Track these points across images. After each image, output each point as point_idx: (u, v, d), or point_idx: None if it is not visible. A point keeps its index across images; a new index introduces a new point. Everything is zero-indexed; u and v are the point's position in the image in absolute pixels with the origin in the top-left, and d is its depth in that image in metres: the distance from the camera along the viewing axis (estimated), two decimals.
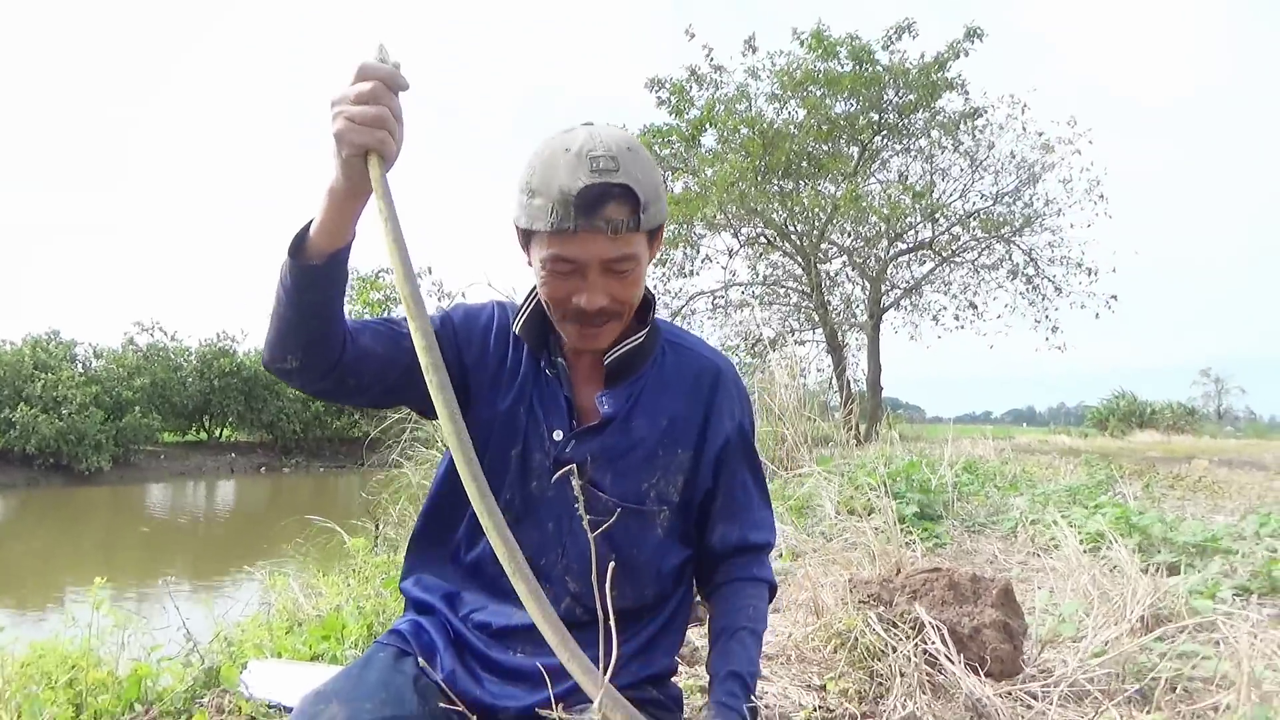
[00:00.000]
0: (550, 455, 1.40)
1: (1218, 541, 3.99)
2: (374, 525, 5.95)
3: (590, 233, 1.23)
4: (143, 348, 27.21)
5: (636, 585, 1.43)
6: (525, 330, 1.44)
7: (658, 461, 1.42)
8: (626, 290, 1.32)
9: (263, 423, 28.08)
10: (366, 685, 1.28)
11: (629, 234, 1.26)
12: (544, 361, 1.44)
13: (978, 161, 19.88)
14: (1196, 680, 2.10)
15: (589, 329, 1.34)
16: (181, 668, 2.31)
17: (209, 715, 1.99)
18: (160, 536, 13.57)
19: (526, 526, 1.39)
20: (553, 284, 1.30)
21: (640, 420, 1.42)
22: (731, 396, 1.48)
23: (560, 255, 1.26)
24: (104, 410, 22.65)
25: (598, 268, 1.27)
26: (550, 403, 1.42)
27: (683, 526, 1.48)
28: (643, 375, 1.43)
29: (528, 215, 1.27)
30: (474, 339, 1.47)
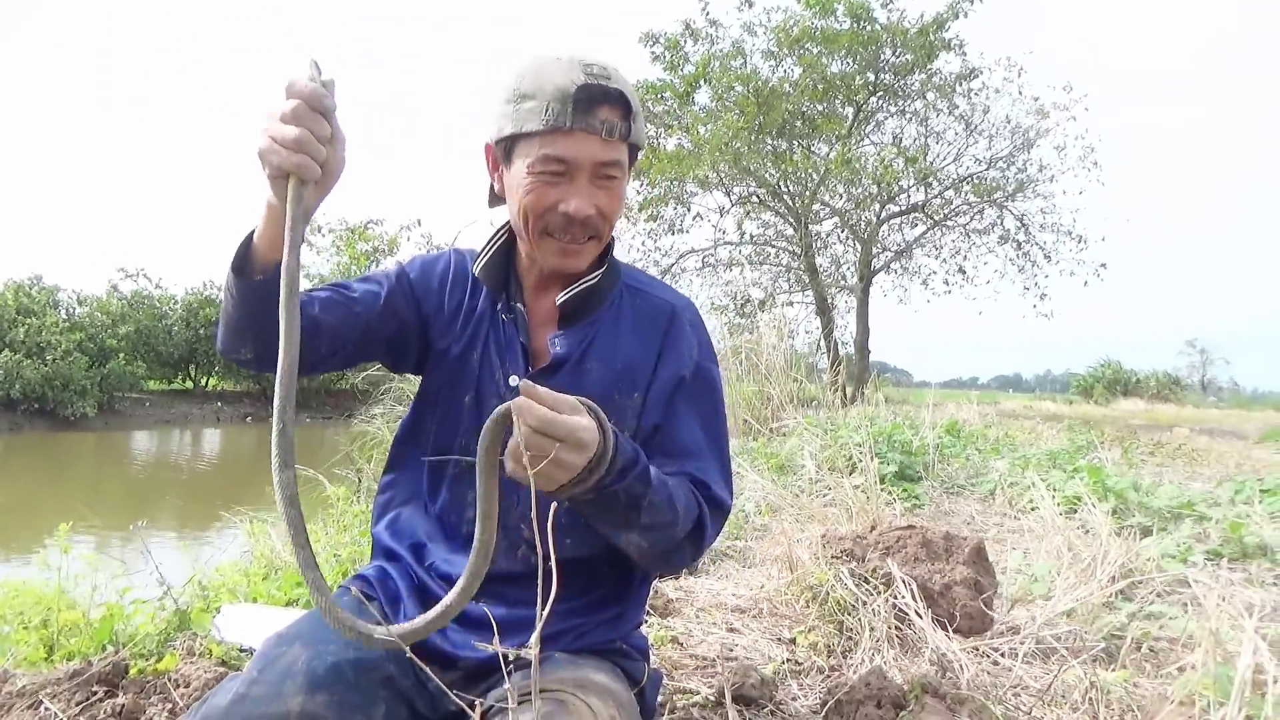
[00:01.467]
0: (505, 400, 1.37)
1: (1192, 507, 4.03)
2: (357, 476, 5.95)
3: (585, 133, 1.23)
4: (127, 295, 26.97)
5: (590, 532, 1.35)
6: (485, 271, 1.42)
7: (611, 405, 1.34)
8: (612, 204, 1.30)
9: (249, 373, 27.94)
10: (329, 628, 1.28)
11: (619, 141, 1.26)
12: (501, 305, 1.42)
13: (972, 125, 19.75)
14: (1163, 640, 2.12)
15: (572, 244, 1.31)
16: (154, 610, 2.31)
17: (179, 657, 1.99)
18: (145, 483, 13.56)
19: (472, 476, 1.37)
20: (539, 190, 1.27)
21: (594, 363, 1.38)
22: (686, 336, 1.43)
23: (553, 154, 1.24)
24: (89, 357, 22.52)
25: (588, 172, 1.26)
26: (507, 348, 1.40)
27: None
28: (598, 317, 1.40)
29: (515, 119, 1.25)
30: (431, 288, 1.46)
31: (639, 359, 1.39)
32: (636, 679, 1.42)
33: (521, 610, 1.33)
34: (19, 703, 1.74)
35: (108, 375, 22.83)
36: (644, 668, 1.45)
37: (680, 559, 1.31)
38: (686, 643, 2.13)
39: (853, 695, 1.60)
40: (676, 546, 1.27)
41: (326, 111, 1.06)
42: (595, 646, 1.37)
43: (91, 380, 22.11)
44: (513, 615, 1.33)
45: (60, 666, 1.89)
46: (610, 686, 1.28)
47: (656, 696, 1.56)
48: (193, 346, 27.07)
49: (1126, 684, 1.79)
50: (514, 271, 1.43)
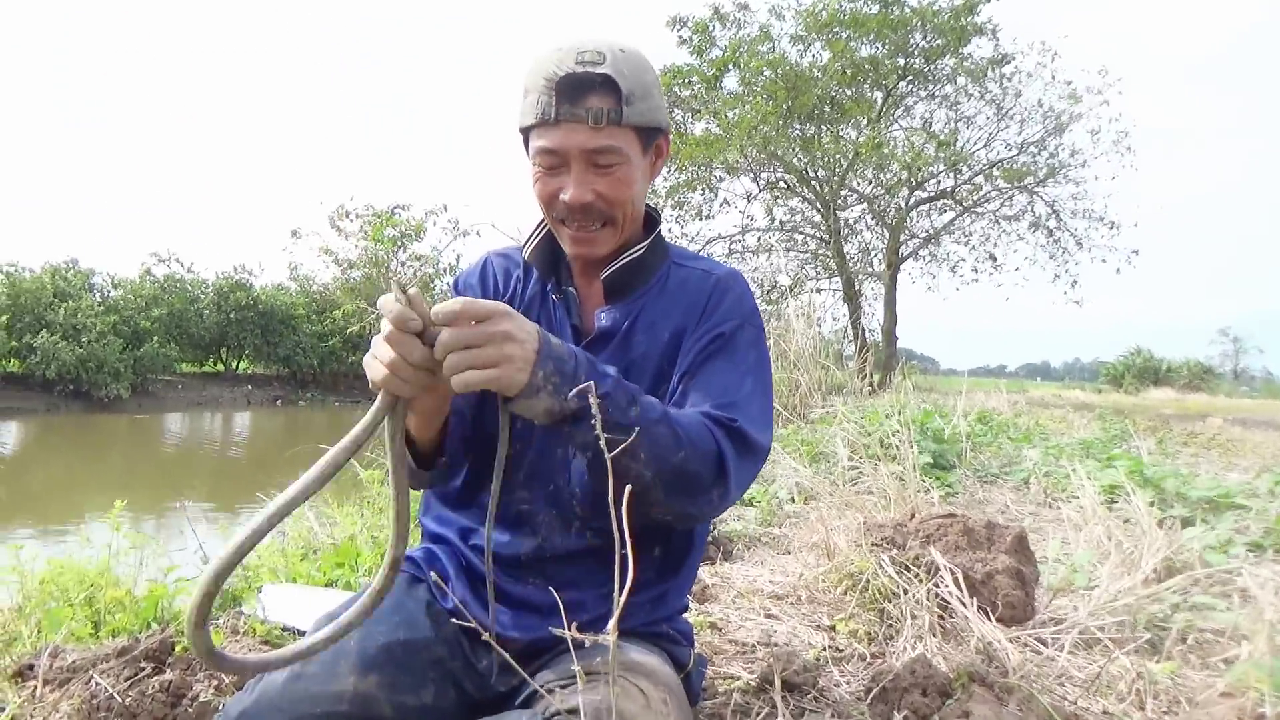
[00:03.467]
0: None
1: (1231, 497, 3.97)
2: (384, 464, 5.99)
3: (571, 122, 1.24)
4: (160, 278, 27.32)
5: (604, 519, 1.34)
6: (535, 256, 1.43)
7: (661, 375, 1.37)
8: (615, 189, 1.29)
9: (279, 356, 28.24)
10: (380, 609, 1.29)
11: (611, 126, 1.25)
12: (551, 288, 1.43)
13: (1004, 110, 19.52)
14: (1208, 632, 2.09)
15: (582, 232, 1.32)
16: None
17: (223, 635, 2.01)
18: (179, 463, 13.76)
19: (535, 454, 1.38)
20: (542, 182, 1.30)
21: (640, 336, 1.38)
22: (729, 299, 1.40)
23: (545, 147, 1.27)
24: (122, 339, 22.85)
25: (580, 160, 1.27)
26: (559, 328, 1.40)
27: None
28: (645, 292, 1.40)
29: (521, 113, 1.30)
30: (487, 288, 1.49)
31: (684, 328, 1.38)
32: (682, 663, 1.41)
33: (573, 592, 1.31)
34: (71, 677, 1.77)
35: (141, 358, 23.17)
36: (689, 653, 1.45)
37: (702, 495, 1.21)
38: (725, 628, 2.12)
39: (898, 683, 1.59)
40: (692, 477, 1.18)
41: (411, 331, 1.03)
42: (639, 629, 1.37)
43: (125, 363, 22.44)
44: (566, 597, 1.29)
45: (108, 643, 1.92)
46: (658, 669, 1.28)
47: (701, 681, 1.55)
48: (223, 330, 27.40)
49: (1173, 675, 1.77)
50: (563, 254, 1.43)
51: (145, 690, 1.73)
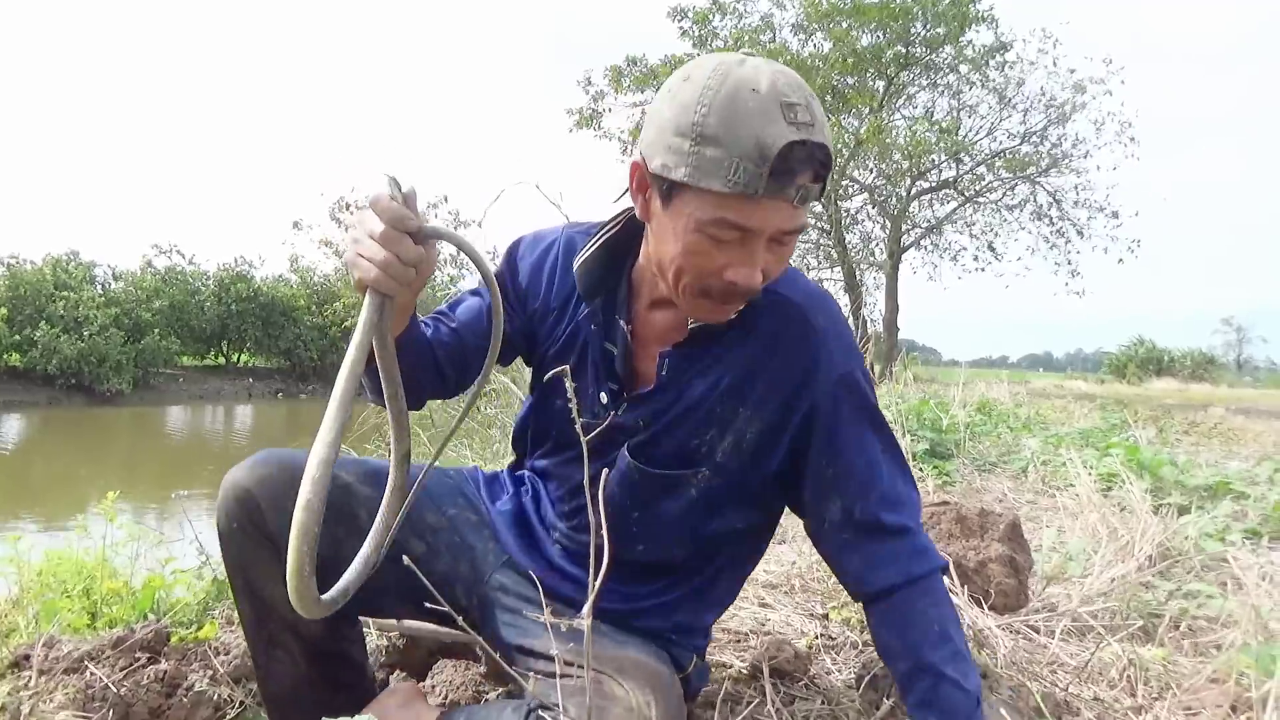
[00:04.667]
0: (600, 417, 1.30)
1: (1229, 485, 3.97)
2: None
3: (776, 200, 1.03)
4: (161, 270, 27.37)
5: (659, 543, 1.33)
6: (586, 271, 1.28)
7: (714, 418, 1.25)
8: (780, 266, 1.13)
9: (280, 349, 28.29)
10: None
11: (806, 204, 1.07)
12: (587, 316, 1.31)
13: (1006, 99, 19.47)
14: (1201, 619, 2.09)
15: (727, 306, 1.16)
16: (194, 580, 2.35)
17: (219, 625, 2.02)
18: (181, 457, 13.80)
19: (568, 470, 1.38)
20: (705, 252, 1.08)
21: (699, 381, 1.25)
22: (823, 345, 1.23)
23: (731, 221, 1.04)
24: (123, 332, 22.87)
25: (767, 240, 1.07)
26: (604, 364, 1.30)
27: (728, 489, 1.29)
28: (716, 334, 1.24)
29: (693, 168, 1.03)
30: (540, 283, 1.37)
31: (752, 371, 1.24)
32: (681, 665, 1.38)
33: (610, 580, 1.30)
34: (65, 668, 1.78)
35: (142, 351, 23.20)
36: (691, 658, 1.40)
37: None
38: (719, 617, 2.13)
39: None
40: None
41: (409, 232, 1.01)
42: (651, 629, 1.35)
43: (127, 356, 22.48)
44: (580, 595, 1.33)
45: (104, 634, 1.93)
46: (651, 666, 1.25)
47: (701, 689, 1.52)
48: (224, 322, 27.43)
49: (1165, 661, 1.77)
50: (628, 277, 1.29)
51: (140, 680, 1.74)
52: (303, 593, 0.93)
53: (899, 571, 1.23)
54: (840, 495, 1.24)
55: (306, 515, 0.91)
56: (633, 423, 1.28)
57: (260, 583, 1.34)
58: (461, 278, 21.51)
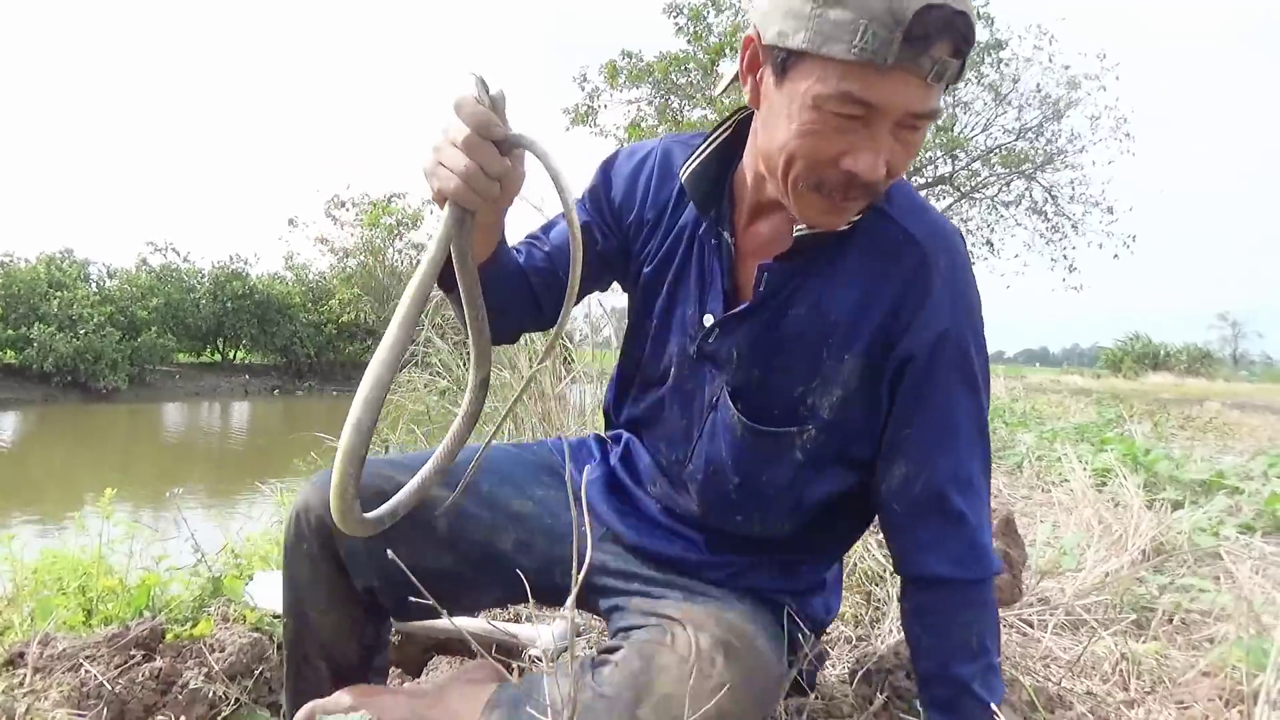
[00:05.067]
0: (695, 342, 1.19)
1: (1224, 480, 3.98)
2: (384, 448, 6.01)
3: (907, 73, 0.90)
4: (156, 268, 27.28)
5: (765, 515, 1.22)
6: (694, 181, 1.16)
7: (821, 366, 1.12)
8: (906, 158, 0.99)
9: (276, 346, 28.23)
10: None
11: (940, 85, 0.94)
12: (707, 227, 1.17)
13: (1001, 95, 19.45)
14: (1195, 613, 2.10)
15: (845, 203, 1.01)
16: (189, 577, 2.35)
17: (214, 622, 2.02)
18: (177, 453, 13.78)
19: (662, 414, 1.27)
20: (821, 135, 0.95)
21: (802, 308, 1.11)
22: (938, 292, 1.08)
23: (855, 95, 0.91)
24: (119, 330, 22.84)
25: (893, 122, 0.94)
26: (709, 282, 1.17)
27: (835, 450, 1.17)
28: (823, 248, 1.10)
29: (813, 32, 0.91)
30: (636, 189, 1.26)
31: (862, 308, 1.10)
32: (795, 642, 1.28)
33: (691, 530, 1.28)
34: (60, 665, 1.78)
35: (139, 348, 23.16)
36: (808, 636, 1.30)
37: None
38: None
39: (881, 664, 1.60)
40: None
41: (496, 139, 0.92)
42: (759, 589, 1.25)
43: (122, 353, 22.44)
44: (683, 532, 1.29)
45: (99, 631, 1.93)
46: (739, 626, 1.14)
47: (816, 674, 1.41)
48: (220, 319, 27.36)
49: (1158, 655, 1.78)
50: (729, 186, 1.17)
51: (135, 678, 1.74)
52: (345, 511, 0.90)
53: (948, 564, 1.14)
54: (907, 460, 1.12)
55: (355, 436, 0.88)
56: (727, 352, 1.15)
57: (309, 602, 1.31)
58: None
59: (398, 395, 6.57)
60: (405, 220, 27.41)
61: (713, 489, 1.21)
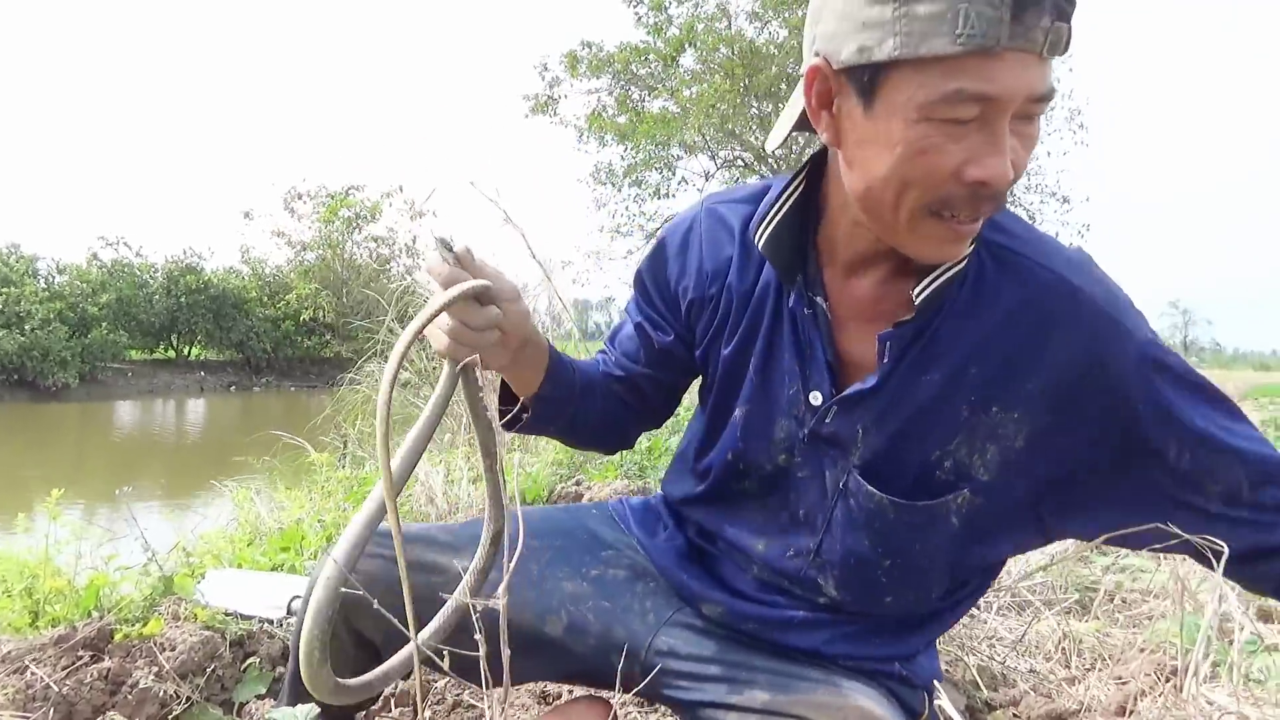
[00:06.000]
0: (806, 425, 1.04)
1: None
2: (342, 442, 5.95)
3: (1022, 53, 0.78)
4: (107, 264, 26.68)
5: (919, 589, 1.07)
6: (773, 246, 1.01)
7: (960, 423, 0.97)
8: (1026, 155, 0.87)
9: (232, 341, 27.79)
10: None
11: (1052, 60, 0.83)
12: (796, 295, 1.03)
13: None
14: (1135, 592, 2.16)
15: (970, 225, 0.88)
16: (140, 577, 2.32)
17: (164, 621, 2.00)
18: (131, 452, 13.53)
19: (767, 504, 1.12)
20: (936, 149, 0.82)
21: (935, 373, 0.97)
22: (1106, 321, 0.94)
23: (970, 91, 0.79)
24: (69, 326, 22.35)
25: (1012, 113, 0.82)
26: (809, 356, 1.03)
27: (997, 514, 1.01)
28: (946, 303, 0.96)
29: (904, 35, 0.79)
30: (689, 266, 1.13)
31: (1005, 357, 0.96)
32: (914, 710, 1.13)
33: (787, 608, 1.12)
34: (5, 668, 1.75)
35: (89, 345, 22.69)
36: (921, 698, 1.14)
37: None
38: None
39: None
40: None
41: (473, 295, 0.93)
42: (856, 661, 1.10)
43: (72, 350, 21.96)
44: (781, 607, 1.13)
45: (45, 632, 1.90)
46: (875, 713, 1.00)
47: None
48: (174, 315, 26.85)
49: (1098, 633, 1.83)
50: (812, 243, 1.03)
51: (83, 678, 1.72)
52: (314, 676, 0.88)
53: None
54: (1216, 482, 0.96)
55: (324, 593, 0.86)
56: (850, 431, 1.01)
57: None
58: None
59: (362, 388, 6.52)
60: (364, 213, 27.08)
61: (858, 578, 1.06)
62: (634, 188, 19.89)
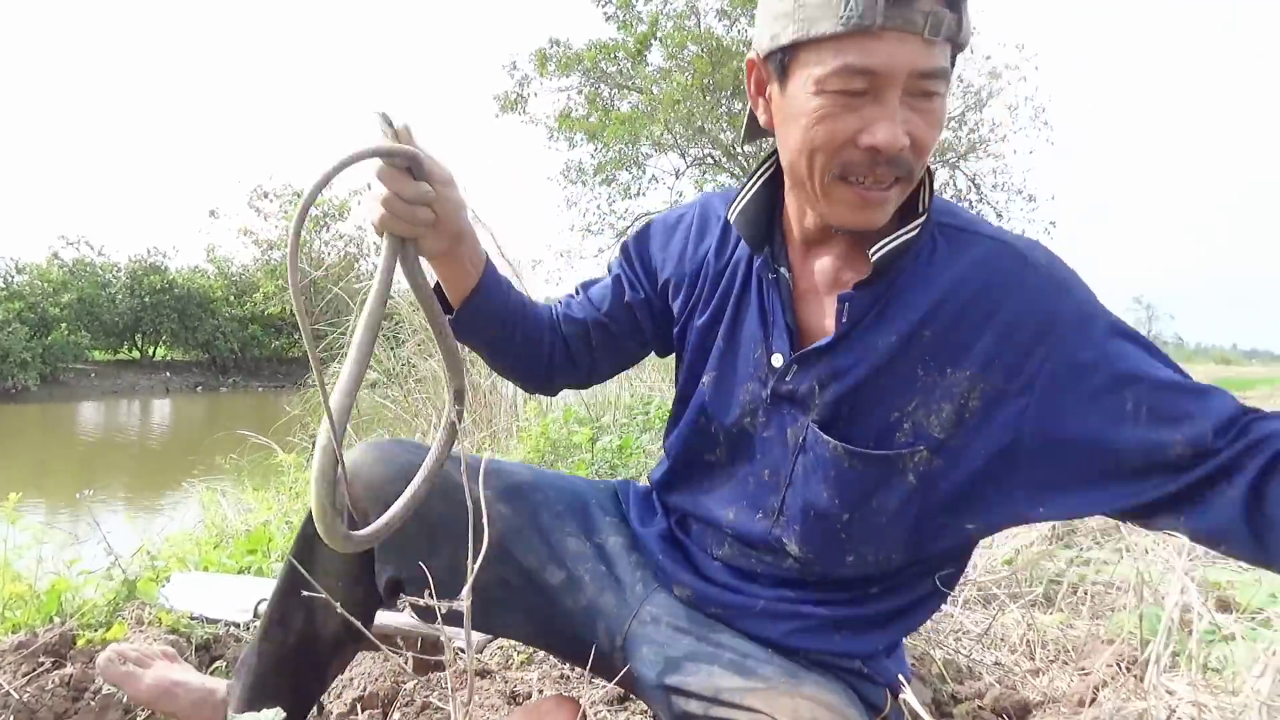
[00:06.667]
0: (767, 385, 1.10)
1: None
2: (310, 443, 5.90)
3: (900, 32, 0.89)
4: (68, 263, 26.23)
5: (879, 550, 1.08)
6: (744, 220, 1.11)
7: (915, 384, 1.02)
8: (930, 131, 0.94)
9: (198, 341, 27.44)
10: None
11: (944, 42, 0.92)
12: (761, 265, 1.11)
13: None
14: (1099, 584, 2.20)
15: (875, 191, 0.96)
16: (103, 581, 2.28)
17: (128, 626, 1.97)
18: (93, 455, 13.31)
19: (734, 473, 1.16)
20: (833, 118, 0.93)
21: (891, 334, 1.02)
22: (1048, 279, 1.00)
23: (854, 65, 0.90)
24: (29, 327, 21.94)
25: (902, 85, 0.91)
26: (772, 321, 1.10)
27: (957, 479, 1.02)
28: (901, 272, 1.03)
29: (799, 20, 0.92)
30: (673, 245, 1.24)
31: (956, 319, 1.01)
32: (875, 705, 1.14)
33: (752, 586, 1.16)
34: None
35: (50, 346, 22.29)
36: (884, 694, 1.15)
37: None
38: None
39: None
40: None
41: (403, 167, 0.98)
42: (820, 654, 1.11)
43: (33, 351, 21.57)
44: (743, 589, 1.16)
45: (5, 639, 1.87)
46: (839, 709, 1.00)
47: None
48: (138, 315, 26.46)
49: (1062, 626, 1.86)
50: (778, 222, 1.13)
51: (44, 685, 1.69)
52: (329, 529, 0.93)
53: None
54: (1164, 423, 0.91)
55: (323, 458, 0.92)
56: (808, 388, 1.06)
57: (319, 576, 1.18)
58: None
59: (330, 387, 6.44)
60: (331, 212, 26.80)
61: (818, 533, 1.09)
62: (604, 186, 19.87)
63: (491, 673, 1.67)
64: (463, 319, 1.17)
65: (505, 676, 1.64)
